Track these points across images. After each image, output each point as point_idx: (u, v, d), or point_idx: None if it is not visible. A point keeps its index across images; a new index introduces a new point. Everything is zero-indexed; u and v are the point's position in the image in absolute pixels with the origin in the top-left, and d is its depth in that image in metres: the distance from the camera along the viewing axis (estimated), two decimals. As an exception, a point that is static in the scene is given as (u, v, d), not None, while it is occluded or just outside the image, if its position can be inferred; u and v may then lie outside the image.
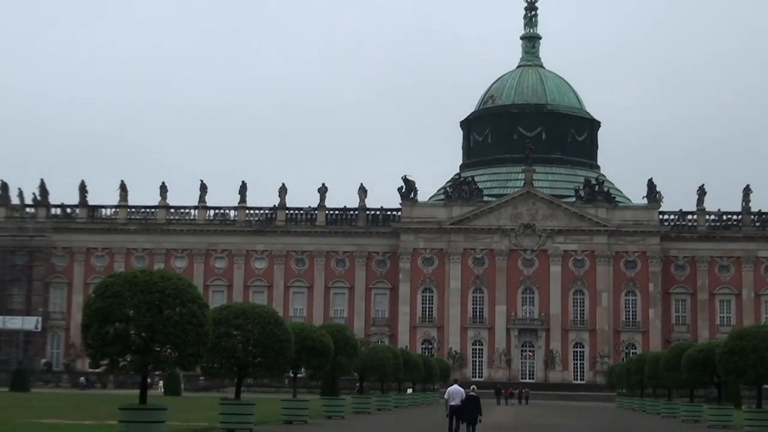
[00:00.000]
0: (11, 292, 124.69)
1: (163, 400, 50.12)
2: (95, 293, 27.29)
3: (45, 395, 77.15)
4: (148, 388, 28.41)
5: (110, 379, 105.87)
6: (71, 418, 39.17)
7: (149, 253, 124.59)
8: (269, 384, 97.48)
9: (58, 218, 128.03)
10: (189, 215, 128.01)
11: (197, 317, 26.98)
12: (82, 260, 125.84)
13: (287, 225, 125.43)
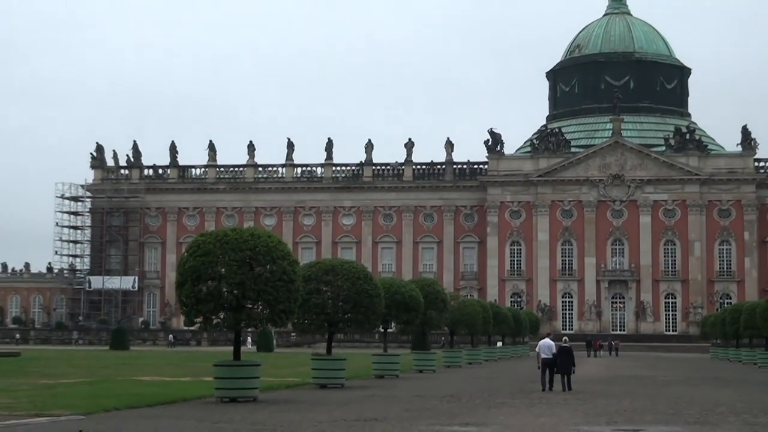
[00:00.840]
0: (109, 253, 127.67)
1: (256, 356, 50.94)
2: (188, 252, 27.76)
3: (143, 353, 79.03)
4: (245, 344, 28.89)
5: (204, 336, 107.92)
6: (169, 375, 40.09)
7: (239, 212, 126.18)
8: (359, 339, 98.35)
9: (151, 179, 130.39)
10: (277, 173, 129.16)
11: (287, 274, 27.27)
12: (175, 220, 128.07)
13: (374, 181, 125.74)
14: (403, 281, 47.93)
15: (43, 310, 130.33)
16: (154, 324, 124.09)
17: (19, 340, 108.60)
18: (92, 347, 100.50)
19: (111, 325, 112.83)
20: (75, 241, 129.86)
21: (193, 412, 23.97)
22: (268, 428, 19.92)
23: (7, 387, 31.33)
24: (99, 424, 19.87)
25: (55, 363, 52.08)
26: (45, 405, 24.11)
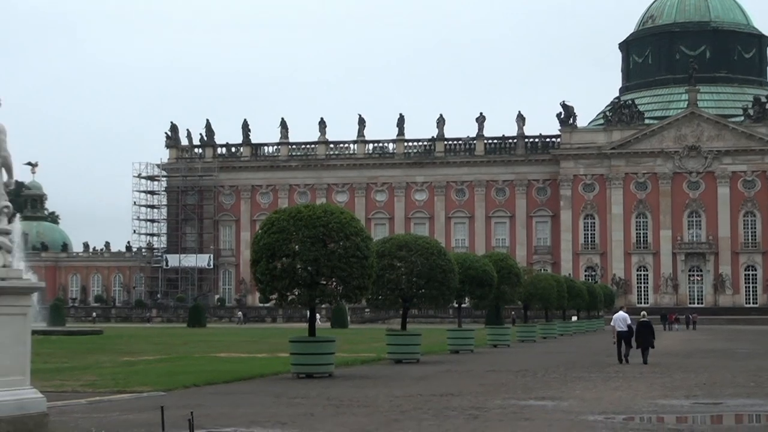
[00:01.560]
0: (185, 231, 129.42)
1: (330, 332, 51.30)
2: (262, 229, 27.97)
3: (219, 330, 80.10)
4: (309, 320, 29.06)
5: (279, 313, 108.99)
6: (245, 352, 40.57)
7: (311, 189, 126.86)
8: (433, 315, 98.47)
9: (224, 157, 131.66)
10: (348, 150, 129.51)
11: (361, 250, 27.33)
12: (248, 198, 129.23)
13: (446, 156, 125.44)
14: (476, 256, 47.84)
15: (123, 289, 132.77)
16: (229, 301, 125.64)
17: (95, 319, 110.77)
18: (170, 324, 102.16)
19: (188, 302, 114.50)
20: (152, 220, 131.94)
21: (269, 387, 24.23)
22: (344, 403, 20.06)
23: (91, 364, 32.01)
24: (179, 401, 20.19)
25: (135, 341, 53.06)
26: (127, 382, 24.57)
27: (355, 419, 17.26)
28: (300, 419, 17.23)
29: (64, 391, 21.88)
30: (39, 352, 13.38)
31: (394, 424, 16.51)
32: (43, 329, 57.76)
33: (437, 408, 19.12)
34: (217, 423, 16.65)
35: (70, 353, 38.37)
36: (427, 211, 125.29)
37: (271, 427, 16.25)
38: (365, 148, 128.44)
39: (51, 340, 48.57)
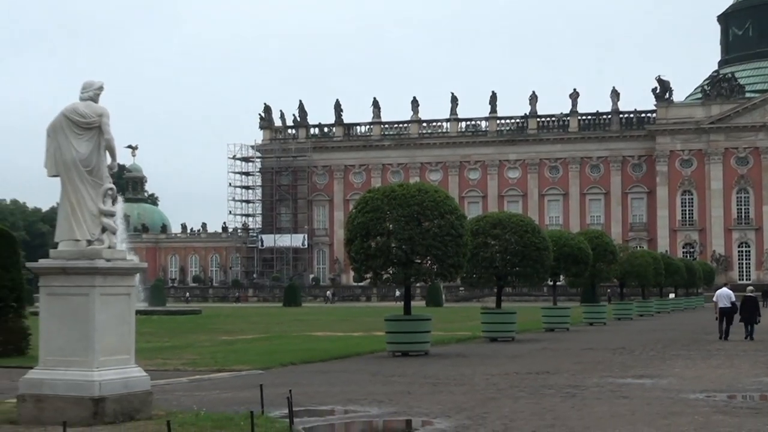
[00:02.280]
0: (279, 211, 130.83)
1: (425, 311, 51.40)
2: (356, 209, 28.12)
3: (315, 309, 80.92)
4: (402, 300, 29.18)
5: (373, 291, 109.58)
6: (341, 330, 40.91)
7: (404, 168, 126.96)
8: (527, 293, 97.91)
9: (317, 138, 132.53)
10: (441, 128, 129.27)
11: (456, 228, 27.30)
12: (341, 177, 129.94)
13: (539, 133, 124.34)
14: (571, 233, 47.44)
15: (220, 269, 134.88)
16: (324, 280, 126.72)
17: (189, 299, 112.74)
18: (266, 304, 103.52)
19: (283, 282, 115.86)
20: (247, 201, 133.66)
21: (366, 366, 24.40)
22: (441, 381, 20.11)
23: (191, 343, 32.64)
24: (277, 379, 20.47)
25: (232, 320, 53.91)
26: (226, 360, 24.98)
27: (452, 397, 17.29)
28: (397, 397, 17.33)
29: (166, 369, 22.34)
30: (141, 332, 13.72)
31: (490, 402, 16.49)
32: (144, 309, 59.06)
33: (534, 386, 19.05)
34: (314, 401, 16.84)
35: (170, 332, 39.18)
36: (520, 188, 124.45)
37: (368, 405, 16.38)
38: (458, 126, 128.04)
39: (152, 319, 49.63)
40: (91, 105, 13.52)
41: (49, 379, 12.95)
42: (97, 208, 13.31)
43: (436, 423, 14.10)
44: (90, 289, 12.92)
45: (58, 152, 13.39)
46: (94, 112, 13.44)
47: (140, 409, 13.26)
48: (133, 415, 13.07)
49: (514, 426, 13.70)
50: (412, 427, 14.25)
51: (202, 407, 14.53)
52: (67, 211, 13.38)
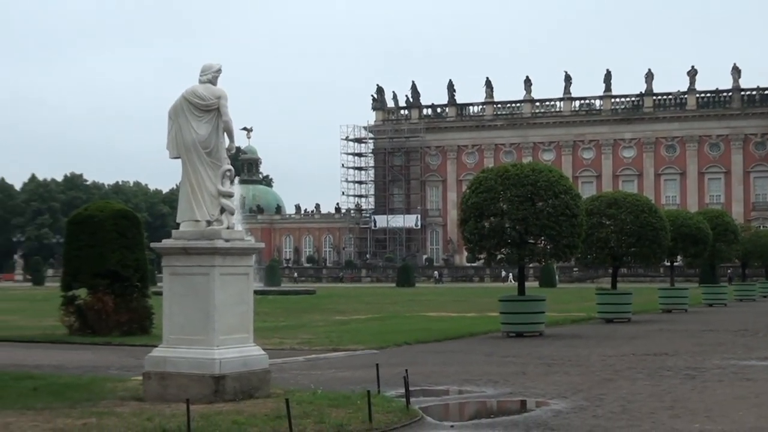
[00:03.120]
0: (392, 192, 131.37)
1: (538, 291, 51.01)
2: (470, 189, 28.04)
3: (428, 289, 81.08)
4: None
5: (486, 272, 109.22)
6: (454, 311, 40.90)
7: (517, 148, 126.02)
8: (644, 274, 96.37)
9: (430, 118, 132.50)
10: (554, 107, 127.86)
11: (570, 208, 27.01)
12: (454, 158, 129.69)
13: (655, 111, 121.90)
14: (689, 213, 46.48)
15: (334, 249, 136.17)
16: (437, 261, 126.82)
17: (297, 278, 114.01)
18: (379, 284, 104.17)
19: (396, 262, 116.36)
20: (360, 182, 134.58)
21: (480, 346, 24.35)
22: (556, 362, 19.94)
23: (306, 323, 33.06)
24: (391, 358, 20.58)
25: (346, 300, 54.38)
26: (341, 340, 25.22)
27: (568, 378, 17.13)
28: (512, 378, 17.26)
29: (282, 348, 22.66)
30: (257, 312, 13.96)
31: (607, 383, 16.29)
32: (260, 289, 60.02)
33: (652, 368, 18.73)
34: (430, 381, 16.89)
35: (285, 312, 39.74)
36: (635, 168, 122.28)
37: (483, 385, 16.35)
38: (572, 105, 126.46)
39: (267, 299, 50.42)
40: (210, 87, 13.76)
41: (172, 357, 13.27)
42: (216, 189, 13.56)
43: (552, 404, 13.99)
44: (210, 269, 13.18)
45: (179, 134, 13.68)
46: (212, 94, 13.68)
47: (259, 387, 13.48)
48: (252, 393, 13.30)
49: (633, 407, 13.51)
50: (527, 407, 14.17)
51: (318, 386, 14.71)
52: (188, 192, 13.67)
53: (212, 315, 13.07)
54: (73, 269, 26.85)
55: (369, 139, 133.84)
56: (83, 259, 26.41)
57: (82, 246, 26.49)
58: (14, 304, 49.38)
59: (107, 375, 17.19)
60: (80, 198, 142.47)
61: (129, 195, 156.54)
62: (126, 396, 13.78)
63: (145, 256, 27.48)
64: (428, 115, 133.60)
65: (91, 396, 13.79)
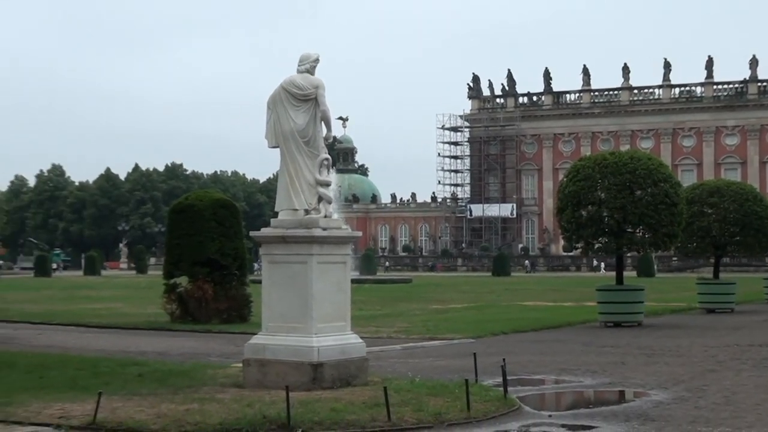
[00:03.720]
0: (488, 181, 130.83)
1: (637, 281, 50.27)
2: (567, 177, 27.78)
3: (524, 279, 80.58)
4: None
5: (583, 261, 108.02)
6: (551, 300, 40.56)
7: (614, 136, 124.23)
8: (747, 263, 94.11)
9: (526, 107, 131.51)
10: (653, 95, 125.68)
11: (670, 197, 26.57)
12: (550, 146, 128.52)
13: (760, 98, 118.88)
14: (795, 201, 45.23)
15: (429, 238, 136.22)
16: (533, 250, 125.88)
17: (389, 268, 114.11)
18: (475, 273, 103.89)
19: (492, 251, 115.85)
20: (455, 171, 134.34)
21: (577, 336, 24.13)
22: (656, 353, 19.65)
23: (402, 312, 33.17)
24: (488, 348, 20.52)
25: (442, 289, 54.37)
26: (437, 329, 25.24)
27: (668, 368, 16.86)
28: (610, 368, 17.06)
29: (380, 337, 22.78)
30: (354, 300, 14.04)
31: (709, 374, 15.99)
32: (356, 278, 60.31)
33: (757, 359, 18.33)
34: (527, 370, 16.80)
35: (382, 301, 39.91)
36: (738, 155, 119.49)
37: (581, 374, 16.20)
38: (671, 92, 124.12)
39: (363, 288, 50.67)
40: (308, 77, 13.87)
41: (271, 344, 13.43)
42: (313, 177, 13.67)
43: (652, 394, 13.79)
44: (308, 257, 13.29)
45: (277, 124, 13.82)
46: (310, 84, 13.78)
47: (356, 375, 13.57)
48: (349, 380, 13.40)
49: (737, 399, 13.24)
50: (626, 398, 14.00)
51: (416, 374, 14.74)
52: (286, 181, 13.81)
53: (310, 303, 13.19)
54: (175, 258, 27.37)
55: (465, 128, 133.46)
56: (184, 248, 26.90)
57: (183, 235, 26.99)
58: (119, 292, 50.60)
59: (208, 362, 17.52)
60: (180, 187, 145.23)
61: (227, 184, 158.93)
62: (226, 382, 14.01)
63: (244, 244, 27.85)
64: (524, 103, 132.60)
65: (192, 382, 14.06)
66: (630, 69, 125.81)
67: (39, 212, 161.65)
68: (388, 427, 10.97)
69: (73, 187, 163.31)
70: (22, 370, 15.80)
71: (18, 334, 24.90)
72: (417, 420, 11.27)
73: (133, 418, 11.18)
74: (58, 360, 17.32)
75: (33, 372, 15.49)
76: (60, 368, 15.96)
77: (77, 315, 31.48)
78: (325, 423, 10.89)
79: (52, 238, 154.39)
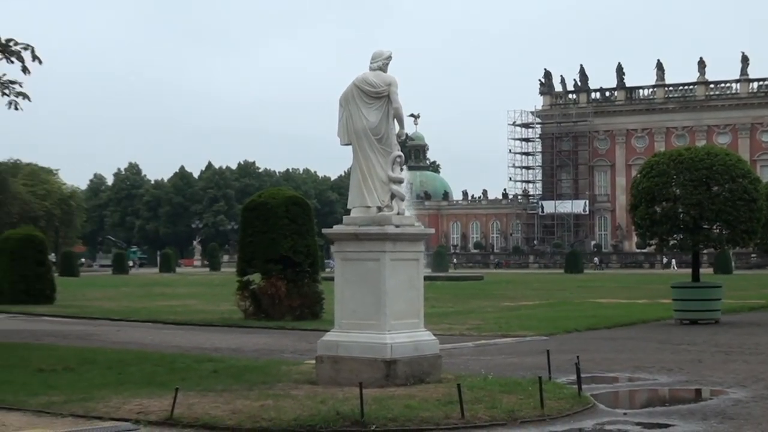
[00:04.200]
0: (560, 177, 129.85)
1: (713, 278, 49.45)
2: (641, 173, 27.47)
3: (597, 276, 79.88)
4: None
5: (657, 259, 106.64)
6: (624, 298, 40.12)
7: (689, 131, 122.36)
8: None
9: (598, 102, 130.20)
10: (730, 89, 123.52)
11: (749, 192, 26.13)
12: (623, 142, 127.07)
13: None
14: None
15: (501, 235, 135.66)
16: (605, 247, 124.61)
17: (457, 265, 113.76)
18: (547, 270, 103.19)
19: (564, 248, 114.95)
20: (527, 167, 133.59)
21: (652, 334, 23.83)
22: (734, 350, 19.34)
23: (474, 309, 33.09)
24: (561, 345, 20.38)
25: (514, 286, 54.09)
26: (510, 326, 25.13)
27: (747, 367, 16.59)
28: (687, 366, 16.82)
29: (452, 334, 22.74)
30: (426, 297, 14.04)
31: (790, 373, 15.68)
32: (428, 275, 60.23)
33: (838, 358, 17.95)
34: (600, 368, 16.65)
35: (453, 298, 39.83)
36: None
37: (656, 372, 16.00)
38: (749, 86, 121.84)
39: (435, 285, 50.58)
40: (380, 74, 13.90)
41: (344, 341, 13.49)
42: (386, 175, 13.69)
43: (730, 393, 13.58)
44: (380, 255, 13.32)
45: (350, 121, 13.87)
46: (383, 81, 13.81)
47: (430, 372, 13.57)
48: (423, 377, 13.41)
49: (818, 399, 12.97)
50: (703, 396, 13.81)
51: (489, 371, 14.70)
52: (358, 179, 13.85)
53: (383, 300, 13.22)
54: (248, 255, 27.64)
55: (536, 124, 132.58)
56: (257, 245, 27.14)
57: (256, 232, 27.22)
58: (193, 289, 51.25)
59: (281, 358, 17.67)
60: (253, 185, 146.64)
61: (299, 182, 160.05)
62: (300, 379, 14.12)
63: (316, 242, 28.02)
64: (596, 98, 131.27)
65: (267, 379, 14.20)
66: (706, 63, 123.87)
67: (117, 210, 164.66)
68: (462, 425, 10.97)
69: (148, 186, 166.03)
70: (102, 366, 16.12)
71: (98, 330, 25.41)
72: (490, 417, 11.25)
73: (209, 414, 11.33)
74: (136, 356, 17.63)
75: (112, 368, 15.79)
76: (138, 364, 16.24)
77: (154, 312, 32.01)
78: (398, 420, 10.92)
79: (129, 236, 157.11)
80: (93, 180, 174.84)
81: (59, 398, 12.54)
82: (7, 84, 18.51)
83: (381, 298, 13.22)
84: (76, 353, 18.18)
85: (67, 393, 12.92)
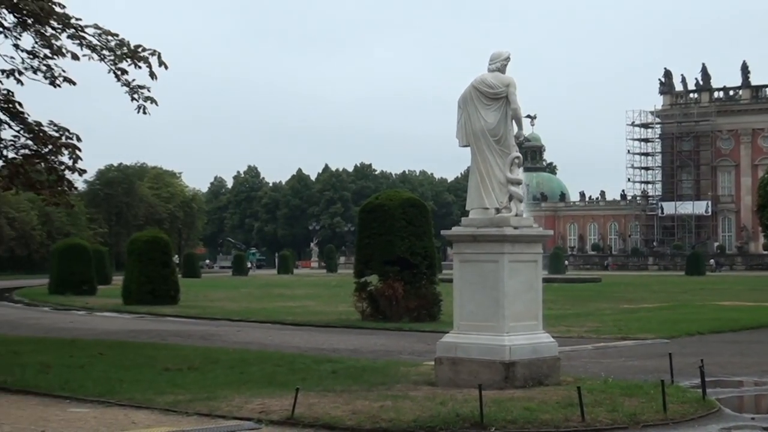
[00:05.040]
0: (680, 178, 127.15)
1: None
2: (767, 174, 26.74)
3: (720, 278, 77.89)
4: None
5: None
6: (750, 300, 39.03)
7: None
8: None
9: (721, 101, 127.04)
10: None
11: None
12: (749, 142, 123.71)
13: None
14: None
15: (619, 237, 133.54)
16: (729, 249, 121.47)
17: (573, 266, 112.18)
18: (667, 272, 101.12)
19: (685, 250, 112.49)
20: (646, 168, 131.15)
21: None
22: None
23: (592, 311, 32.66)
24: (683, 348, 19.96)
25: (633, 288, 53.18)
26: (629, 329, 24.73)
27: None
28: (817, 372, 16.31)
29: (570, 336, 22.50)
30: (543, 299, 13.92)
31: None
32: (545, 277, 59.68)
33: None
34: (726, 371, 16.27)
35: (571, 300, 39.37)
36: None
37: (784, 378, 15.55)
38: None
39: (553, 287, 50.09)
40: (499, 76, 13.86)
41: (463, 343, 13.49)
42: (504, 176, 13.65)
43: None
44: (499, 256, 13.29)
45: (468, 123, 13.87)
46: (501, 82, 13.77)
47: (548, 374, 13.47)
48: (541, 380, 13.31)
49: None
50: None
51: (609, 374, 14.50)
52: (477, 180, 13.84)
53: (502, 302, 13.17)
54: (365, 257, 27.84)
55: (656, 125, 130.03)
56: (374, 247, 27.32)
57: (373, 234, 27.40)
58: (311, 291, 51.87)
59: (400, 359, 17.74)
60: (369, 187, 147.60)
61: (415, 184, 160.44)
62: (419, 380, 14.16)
63: (433, 243, 28.05)
64: (719, 98, 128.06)
65: (385, 380, 14.28)
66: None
67: (236, 212, 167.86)
68: (582, 428, 10.87)
69: (267, 188, 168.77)
70: (224, 365, 16.45)
71: (219, 330, 25.95)
72: (611, 420, 11.12)
73: (329, 414, 11.46)
74: (257, 356, 17.93)
75: (234, 368, 16.10)
76: (259, 364, 16.53)
77: (273, 313, 32.54)
78: (518, 422, 10.87)
79: (248, 238, 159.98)
80: (213, 183, 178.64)
81: (185, 397, 12.86)
82: (136, 89, 19.09)
83: (499, 299, 13.18)
84: (200, 353, 18.61)
85: (192, 392, 13.24)
